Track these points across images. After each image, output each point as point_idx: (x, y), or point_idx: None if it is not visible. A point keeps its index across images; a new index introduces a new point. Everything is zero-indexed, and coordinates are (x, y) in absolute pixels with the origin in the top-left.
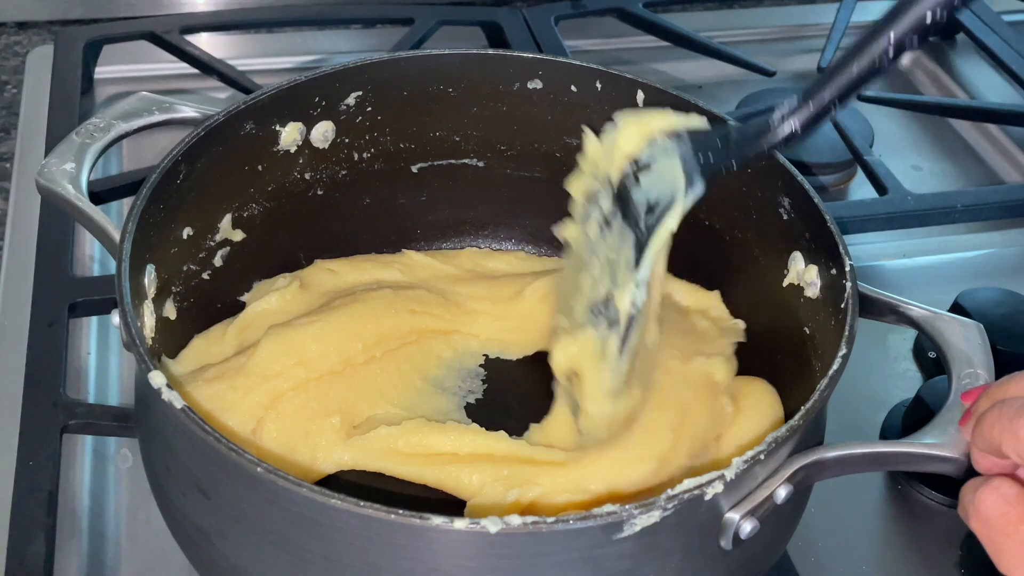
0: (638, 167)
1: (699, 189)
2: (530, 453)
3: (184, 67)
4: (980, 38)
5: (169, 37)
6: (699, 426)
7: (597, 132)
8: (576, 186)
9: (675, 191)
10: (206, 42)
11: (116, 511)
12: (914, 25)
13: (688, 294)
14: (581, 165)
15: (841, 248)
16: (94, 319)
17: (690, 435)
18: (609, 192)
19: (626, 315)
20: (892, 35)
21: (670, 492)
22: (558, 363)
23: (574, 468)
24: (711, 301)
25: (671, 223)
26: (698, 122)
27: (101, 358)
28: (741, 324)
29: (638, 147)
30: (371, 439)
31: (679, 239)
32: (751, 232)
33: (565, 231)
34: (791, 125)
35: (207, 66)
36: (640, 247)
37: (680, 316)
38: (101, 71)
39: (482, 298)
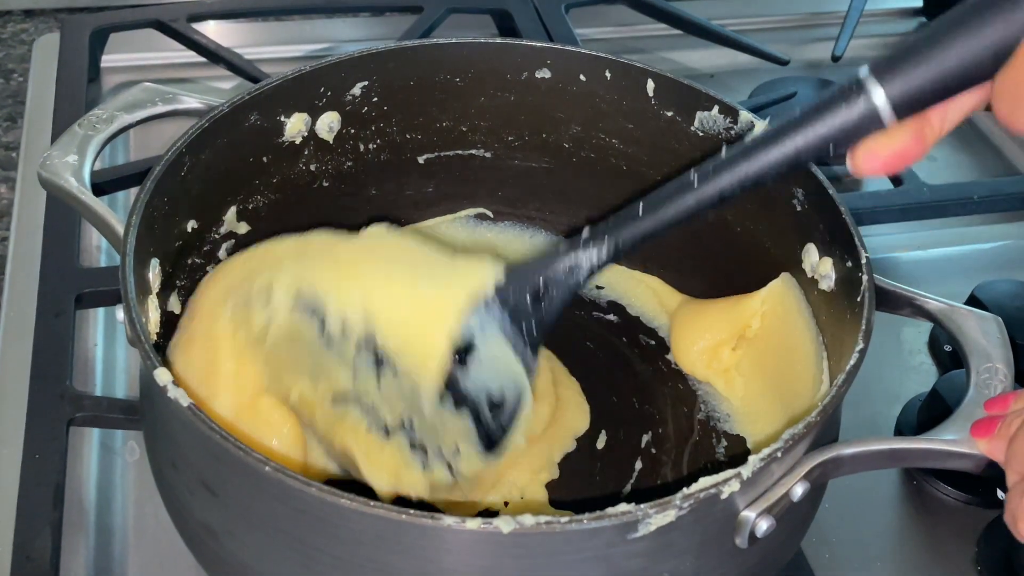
0: (462, 353)
1: (534, 366)
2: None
3: (191, 55)
4: None
5: (176, 25)
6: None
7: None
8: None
9: (518, 384)
10: (213, 30)
11: (123, 504)
12: (742, 181)
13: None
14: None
15: (857, 240)
16: (101, 310)
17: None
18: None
19: (467, 478)
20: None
21: (686, 491)
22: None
23: None
24: None
25: (524, 426)
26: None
27: (108, 350)
28: None
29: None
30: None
31: (689, 231)
32: (763, 224)
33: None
34: (593, 259)
35: (214, 54)
36: (489, 441)
37: None
38: (108, 59)
39: None
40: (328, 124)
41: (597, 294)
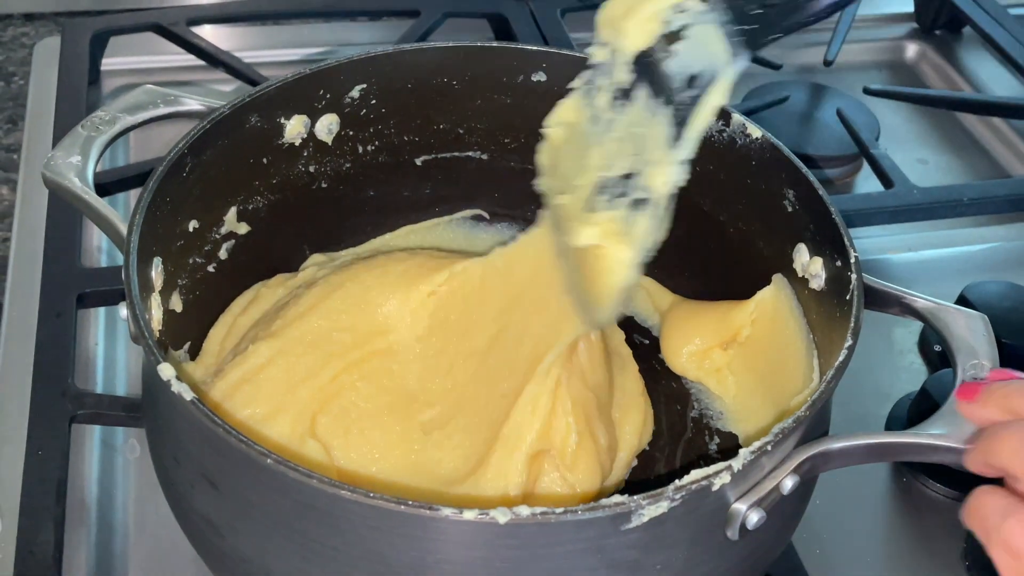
0: (669, 35)
1: (744, 61)
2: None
3: (190, 59)
4: (986, 31)
5: (176, 29)
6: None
7: None
8: (594, 55)
9: (718, 62)
10: (212, 34)
11: (124, 500)
12: None
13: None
14: (598, 31)
15: (846, 240)
16: (102, 309)
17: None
18: (629, 62)
19: (662, 195)
20: None
21: (678, 483)
22: (582, 243)
23: None
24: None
25: (716, 98)
26: None
27: (109, 348)
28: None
29: (670, 8)
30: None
31: (683, 233)
32: (755, 224)
33: (560, 111)
34: None
35: (213, 58)
36: (680, 123)
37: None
38: (108, 63)
39: None
40: (327, 126)
41: None
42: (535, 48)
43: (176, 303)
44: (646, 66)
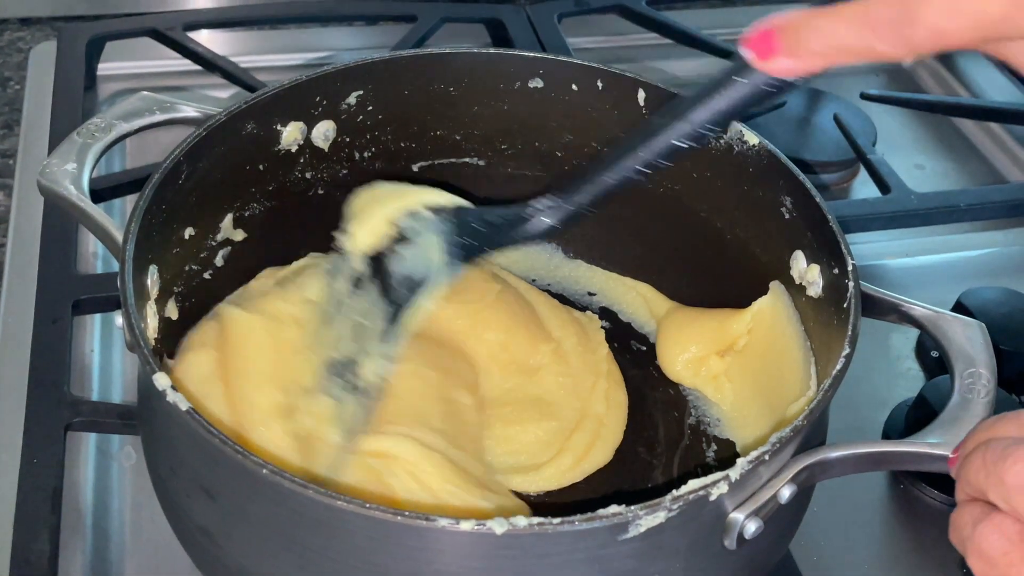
0: (399, 237)
1: (456, 270)
2: None
3: (187, 64)
4: None
5: (172, 34)
6: None
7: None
8: (339, 238)
9: (433, 269)
10: (209, 39)
11: (120, 508)
12: (660, 151)
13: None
14: (345, 217)
15: (843, 247)
16: (98, 316)
17: None
18: (362, 257)
19: (372, 386)
20: (640, 158)
21: (675, 493)
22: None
23: None
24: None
25: (425, 302)
26: (457, 201)
27: (105, 355)
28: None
29: (401, 216)
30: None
31: (681, 239)
32: (752, 231)
33: (308, 288)
34: (546, 221)
35: (210, 63)
36: (392, 320)
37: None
38: (104, 68)
39: None
40: (324, 132)
41: (589, 300)
42: (532, 54)
43: (172, 311)
44: (377, 263)
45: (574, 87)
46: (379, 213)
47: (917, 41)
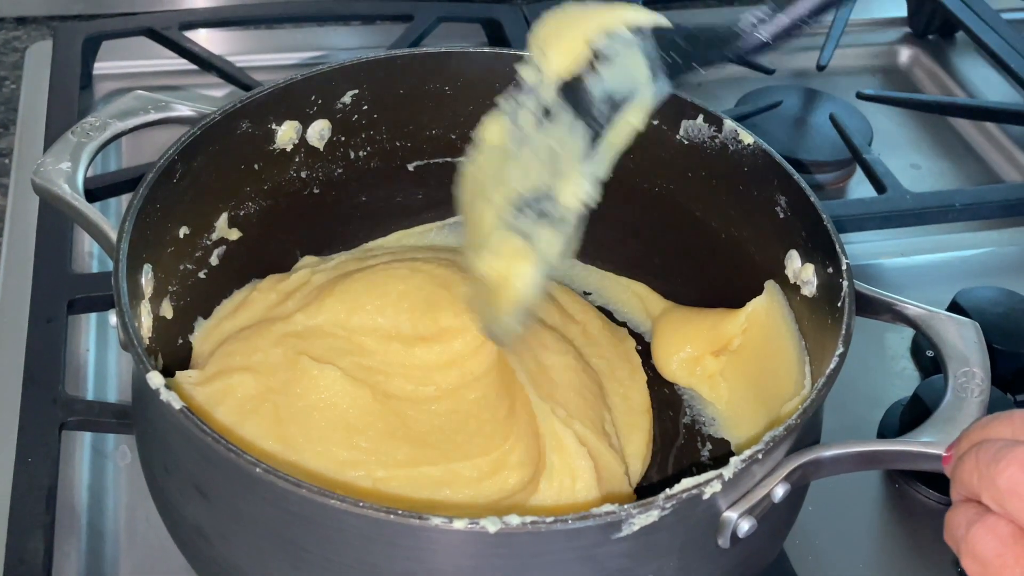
0: (597, 58)
1: (665, 88)
2: None
3: (183, 63)
4: (979, 36)
5: (168, 33)
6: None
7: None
8: (523, 73)
9: (638, 86)
10: (205, 38)
11: (115, 508)
12: None
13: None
14: (529, 51)
15: (838, 246)
16: (93, 315)
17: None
18: (556, 82)
19: (570, 210)
20: None
21: (668, 491)
22: (486, 276)
23: None
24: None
25: (634, 117)
26: (663, 21)
27: (100, 355)
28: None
29: (598, 36)
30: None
31: (676, 239)
32: (747, 230)
33: (486, 128)
34: (762, 34)
35: (206, 62)
36: (595, 138)
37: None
38: (100, 67)
39: None
40: (319, 132)
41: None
42: (527, 53)
43: (167, 310)
44: (570, 86)
45: None
46: (577, 34)
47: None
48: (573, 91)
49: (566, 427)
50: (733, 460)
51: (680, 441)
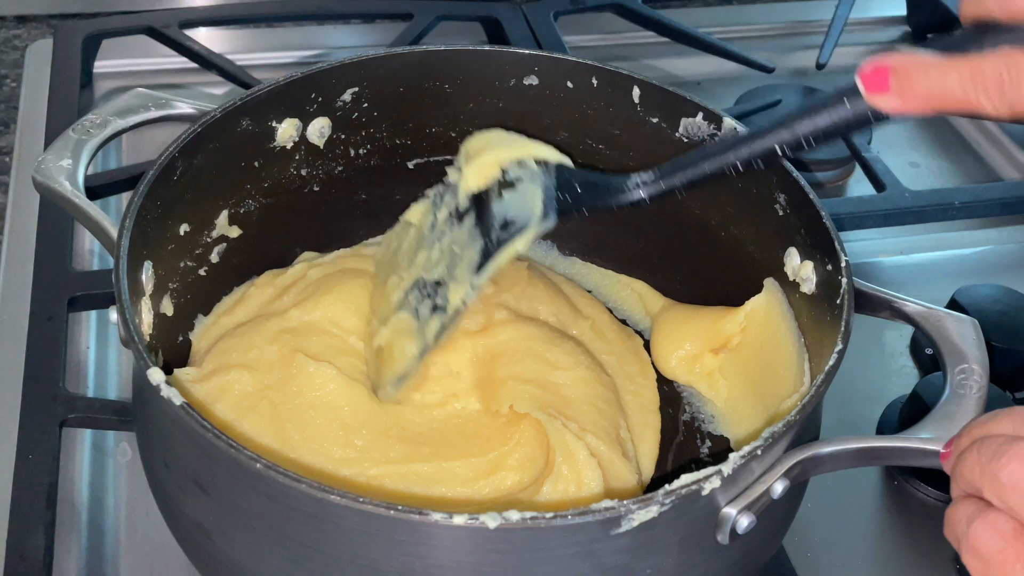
0: (505, 181)
1: (551, 222)
2: None
3: (183, 61)
4: None
5: (168, 32)
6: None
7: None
8: (450, 172)
9: (530, 217)
10: (205, 37)
11: (115, 504)
12: (760, 153)
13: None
14: (460, 155)
15: (837, 244)
16: (93, 313)
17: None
18: (468, 193)
19: (455, 309)
20: (741, 154)
21: (667, 487)
22: (375, 345)
23: None
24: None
25: (519, 245)
26: (563, 159)
27: (100, 352)
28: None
29: (510, 163)
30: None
31: (675, 237)
32: (746, 228)
33: (412, 210)
34: (640, 194)
35: (206, 61)
36: (486, 256)
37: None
38: (100, 65)
39: None
40: (319, 129)
41: None
42: (527, 52)
43: (167, 307)
44: (479, 200)
45: (569, 84)
46: (492, 157)
47: (1020, 105)
48: (480, 205)
49: (578, 439)
50: (732, 456)
51: (679, 438)
